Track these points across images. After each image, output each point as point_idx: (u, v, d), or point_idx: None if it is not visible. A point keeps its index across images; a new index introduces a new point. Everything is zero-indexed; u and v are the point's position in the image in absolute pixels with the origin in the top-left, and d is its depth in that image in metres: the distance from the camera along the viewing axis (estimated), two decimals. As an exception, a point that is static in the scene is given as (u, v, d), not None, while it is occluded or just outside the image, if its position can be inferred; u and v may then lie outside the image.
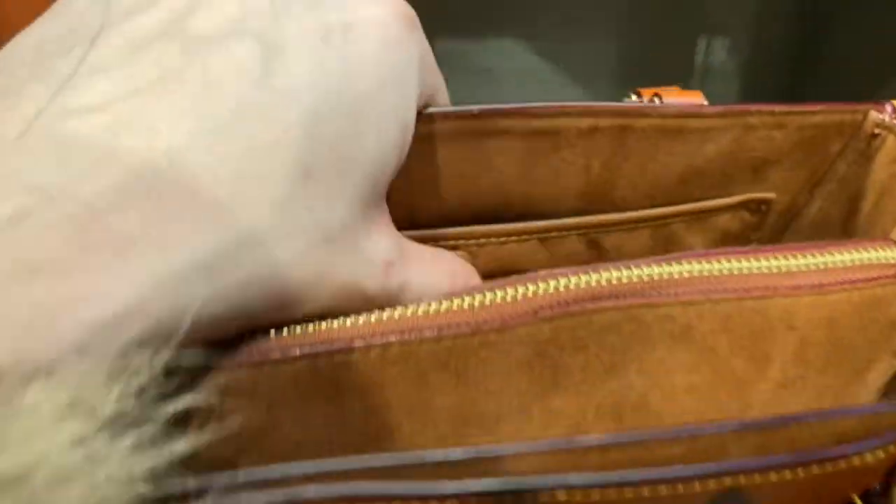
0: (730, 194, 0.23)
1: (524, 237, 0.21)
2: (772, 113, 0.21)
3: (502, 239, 0.21)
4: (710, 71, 0.57)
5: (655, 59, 0.56)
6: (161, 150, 0.13)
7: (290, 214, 0.14)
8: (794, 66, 0.55)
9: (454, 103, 0.19)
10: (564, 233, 0.21)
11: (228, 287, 0.13)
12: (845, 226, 0.26)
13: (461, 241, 0.21)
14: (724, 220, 0.24)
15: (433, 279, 0.18)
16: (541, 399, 0.18)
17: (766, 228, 0.26)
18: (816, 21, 0.53)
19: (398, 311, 0.16)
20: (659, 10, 0.55)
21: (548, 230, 0.21)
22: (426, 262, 0.19)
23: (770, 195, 0.24)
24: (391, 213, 0.18)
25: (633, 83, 0.56)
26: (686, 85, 0.55)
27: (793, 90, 0.56)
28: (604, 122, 0.20)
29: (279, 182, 0.14)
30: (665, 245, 0.23)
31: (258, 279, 0.14)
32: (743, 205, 0.23)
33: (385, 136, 0.17)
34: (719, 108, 0.21)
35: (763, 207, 0.24)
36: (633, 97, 0.22)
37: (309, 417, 0.16)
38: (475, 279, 0.20)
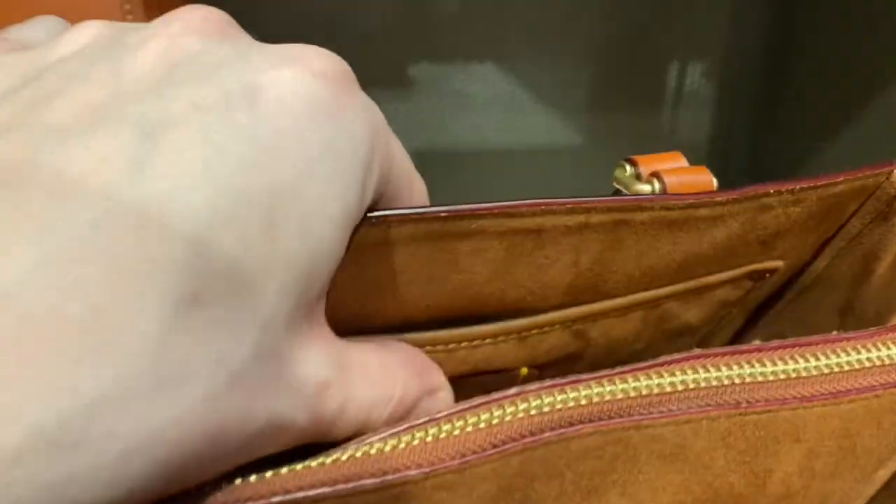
0: (733, 268, 0.20)
1: (500, 339, 0.18)
2: (791, 191, 0.18)
3: (475, 342, 0.18)
4: (682, 95, 0.56)
5: (628, 83, 0.55)
6: None
7: (170, 356, 0.11)
8: (767, 90, 0.55)
9: (428, 129, 0.16)
10: (546, 328, 0.18)
11: (92, 466, 0.11)
12: (856, 285, 0.23)
13: (427, 348, 0.18)
14: (725, 292, 0.21)
15: (381, 391, 0.15)
16: None
17: (767, 287, 0.24)
18: (788, 46, 0.52)
19: (330, 458, 0.13)
20: (631, 35, 0.53)
21: (526, 329, 0.18)
22: (371, 372, 0.15)
23: (777, 264, 0.21)
24: (336, 315, 0.15)
25: (606, 107, 0.55)
26: (659, 110, 0.54)
27: (766, 113, 0.55)
28: (596, 218, 0.16)
29: (153, 315, 0.11)
30: (657, 324, 0.21)
31: (137, 449, 0.11)
32: (747, 276, 0.21)
33: (314, 235, 0.13)
34: (734, 194, 0.18)
35: (768, 275, 0.21)
36: (628, 167, 0.19)
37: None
38: (434, 378, 0.17)
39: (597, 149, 0.54)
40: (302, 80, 0.13)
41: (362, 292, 0.16)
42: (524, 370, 0.20)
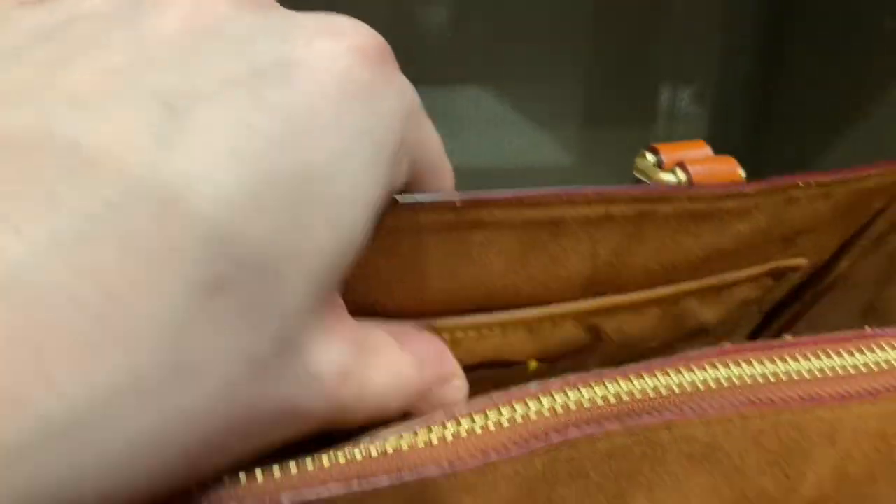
0: (754, 265, 0.19)
1: (509, 329, 0.17)
2: (820, 184, 0.17)
3: (483, 332, 0.17)
4: (673, 115, 0.56)
5: (619, 104, 0.55)
6: None
7: (189, 346, 0.10)
8: (757, 108, 0.55)
9: None
10: (559, 321, 0.17)
11: (101, 460, 0.10)
12: (880, 286, 0.23)
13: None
14: (745, 291, 0.20)
15: (398, 378, 0.14)
16: None
17: (785, 286, 0.23)
18: (777, 68, 0.53)
19: (344, 455, 0.12)
20: (621, 56, 0.54)
21: (540, 319, 0.17)
22: (389, 358, 0.15)
23: (800, 261, 0.20)
24: (348, 301, 0.14)
25: (597, 127, 0.55)
26: (650, 129, 0.55)
27: (756, 131, 0.56)
28: (617, 209, 0.16)
29: (172, 302, 0.10)
30: (674, 322, 0.20)
31: (150, 442, 0.10)
32: (769, 273, 0.20)
33: (343, 222, 0.12)
34: (762, 186, 0.17)
35: (790, 273, 0.21)
36: (649, 156, 0.18)
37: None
38: (448, 365, 0.16)
39: (587, 168, 0.55)
40: (339, 58, 0.13)
41: (369, 285, 0.15)
42: (533, 363, 0.19)
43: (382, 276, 0.15)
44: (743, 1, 0.53)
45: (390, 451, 0.13)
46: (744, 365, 0.15)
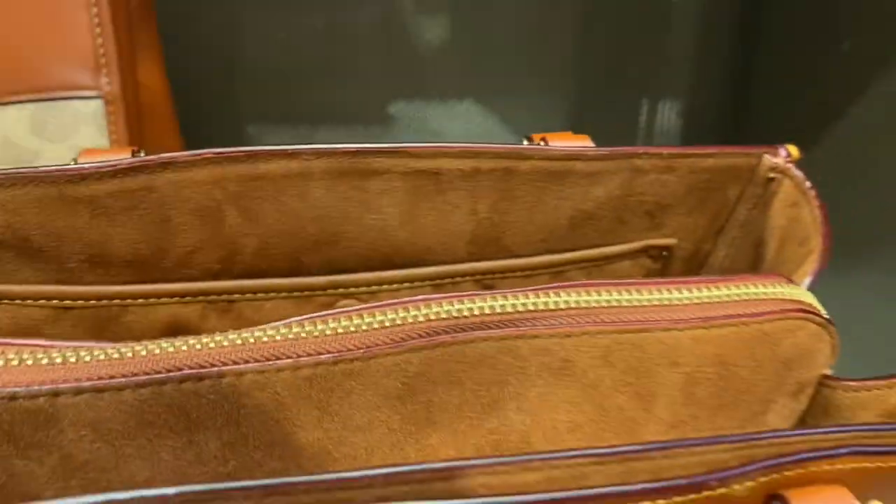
0: (627, 241, 0.23)
1: (416, 284, 0.20)
2: (660, 156, 0.21)
3: (394, 286, 0.20)
4: (651, 127, 0.60)
5: (598, 117, 0.59)
6: None
7: None
8: (731, 120, 0.59)
9: None
10: (458, 279, 0.21)
11: None
12: (752, 272, 0.26)
13: (351, 289, 0.20)
14: (626, 268, 0.23)
15: None
16: (415, 437, 0.17)
17: (672, 273, 0.26)
18: (749, 80, 0.57)
19: (253, 335, 0.15)
20: (606, 73, 0.58)
21: (440, 276, 0.20)
22: None
23: (670, 241, 0.24)
24: (277, 262, 0.17)
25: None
26: (629, 142, 0.59)
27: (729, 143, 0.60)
28: (485, 163, 0.19)
29: None
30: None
31: None
32: (643, 251, 0.23)
33: None
34: (605, 151, 0.21)
35: (665, 254, 0.24)
36: (525, 142, 0.22)
37: (157, 453, 0.15)
38: None
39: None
40: None
41: (289, 226, 0.19)
42: None
43: (297, 221, 0.19)
44: (720, 25, 0.57)
45: (291, 336, 0.16)
46: (593, 292, 0.18)
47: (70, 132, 0.28)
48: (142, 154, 0.18)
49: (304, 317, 0.16)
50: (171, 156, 0.17)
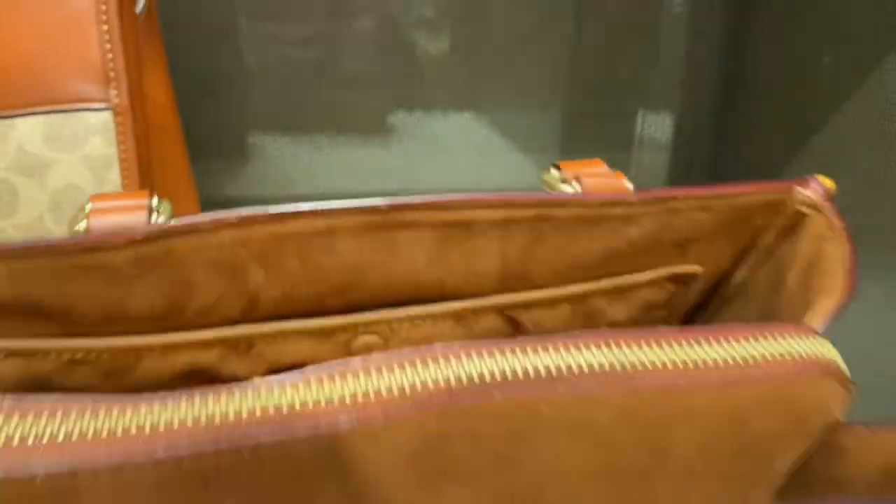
0: (652, 268, 0.22)
1: (439, 318, 0.20)
2: (698, 198, 0.20)
3: (416, 322, 0.20)
4: (643, 138, 0.62)
5: (592, 128, 0.60)
6: None
7: None
8: (721, 131, 0.60)
9: (405, 173, 0.19)
10: (481, 312, 0.20)
11: None
12: (771, 295, 0.26)
13: (372, 326, 0.20)
14: (649, 293, 0.23)
15: None
16: (431, 490, 0.17)
17: (691, 294, 0.26)
18: (737, 91, 0.59)
19: (271, 400, 0.15)
20: (599, 87, 0.60)
21: (464, 310, 0.20)
22: None
23: (695, 269, 0.23)
24: (298, 306, 0.17)
25: (572, 150, 0.60)
26: (621, 152, 0.59)
27: (721, 152, 0.61)
28: (519, 213, 0.19)
29: None
30: (585, 319, 0.23)
31: None
32: (668, 279, 0.23)
33: None
34: (643, 196, 0.20)
35: (688, 280, 0.24)
36: (553, 171, 0.21)
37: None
38: None
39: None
40: None
41: (315, 281, 0.18)
42: None
43: (320, 275, 0.18)
44: (710, 36, 0.58)
45: (311, 403, 0.15)
46: (614, 349, 0.18)
47: (81, 142, 0.27)
48: (154, 202, 0.17)
49: (323, 369, 0.16)
50: (192, 223, 0.16)
